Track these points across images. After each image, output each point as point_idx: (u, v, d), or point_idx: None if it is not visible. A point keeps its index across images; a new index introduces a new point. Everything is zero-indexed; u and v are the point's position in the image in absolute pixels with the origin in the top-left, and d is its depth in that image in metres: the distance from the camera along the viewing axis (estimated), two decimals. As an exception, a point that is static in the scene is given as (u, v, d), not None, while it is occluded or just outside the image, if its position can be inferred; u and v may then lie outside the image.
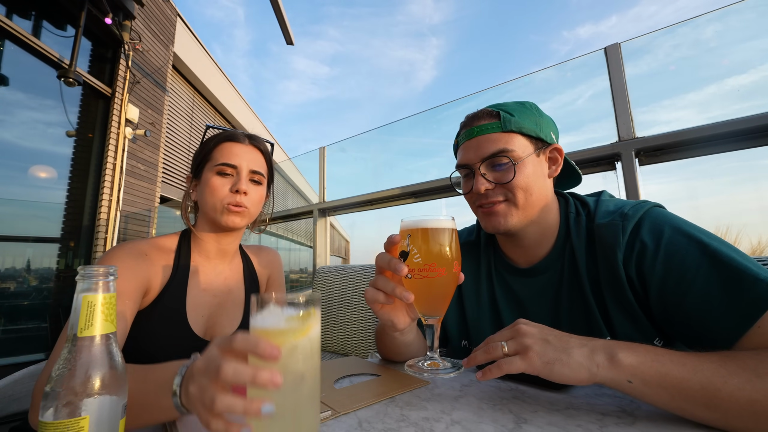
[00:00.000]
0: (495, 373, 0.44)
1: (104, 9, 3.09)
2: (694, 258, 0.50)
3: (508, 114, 0.65)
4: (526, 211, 0.65)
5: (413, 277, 0.48)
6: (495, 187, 0.65)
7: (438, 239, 0.49)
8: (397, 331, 0.59)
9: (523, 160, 0.64)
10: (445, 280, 0.48)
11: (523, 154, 0.64)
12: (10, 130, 2.72)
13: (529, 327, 0.46)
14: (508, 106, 0.67)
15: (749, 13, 1.21)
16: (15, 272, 2.73)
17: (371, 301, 0.53)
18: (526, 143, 0.65)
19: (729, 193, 1.32)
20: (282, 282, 1.02)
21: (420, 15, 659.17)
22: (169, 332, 0.73)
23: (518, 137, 0.65)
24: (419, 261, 0.47)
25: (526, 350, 0.43)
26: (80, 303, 0.32)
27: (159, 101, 4.01)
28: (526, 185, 0.63)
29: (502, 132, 0.64)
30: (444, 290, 0.49)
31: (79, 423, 0.30)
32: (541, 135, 0.66)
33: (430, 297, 0.49)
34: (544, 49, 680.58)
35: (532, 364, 0.42)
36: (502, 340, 0.46)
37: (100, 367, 0.32)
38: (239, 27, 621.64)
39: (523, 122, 0.65)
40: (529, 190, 0.63)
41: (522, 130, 0.64)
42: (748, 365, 0.38)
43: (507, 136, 0.64)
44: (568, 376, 0.41)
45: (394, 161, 2.41)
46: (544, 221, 0.67)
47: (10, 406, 0.81)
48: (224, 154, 0.80)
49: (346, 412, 0.45)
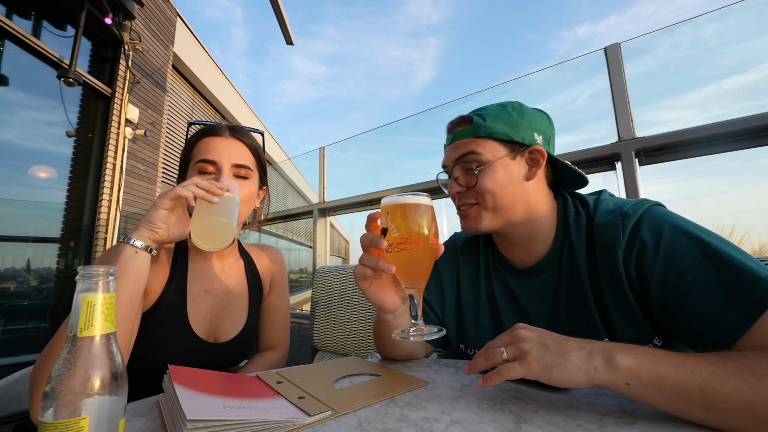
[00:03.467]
0: (495, 380, 0.44)
1: (104, 9, 3.09)
2: (694, 257, 0.49)
3: (480, 119, 0.67)
4: (498, 213, 0.66)
5: (393, 251, 0.52)
6: (467, 191, 0.68)
7: (413, 215, 0.53)
8: (389, 313, 0.61)
9: (490, 164, 0.65)
10: (421, 252, 0.52)
11: (492, 158, 0.66)
12: (11, 130, 2.72)
13: (527, 332, 0.47)
14: (486, 110, 0.69)
15: (748, 13, 1.21)
16: (15, 272, 2.73)
17: (359, 277, 0.57)
18: (498, 147, 0.66)
19: (729, 193, 1.32)
20: (285, 282, 1.01)
21: (418, 14, 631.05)
22: (171, 335, 0.73)
23: (488, 142, 0.67)
24: (397, 236, 0.52)
25: (525, 355, 0.43)
26: (80, 303, 0.32)
27: (159, 101, 4.01)
28: (493, 189, 0.65)
29: (473, 137, 0.67)
30: (422, 261, 0.53)
31: (79, 423, 0.30)
32: (515, 138, 0.66)
33: (410, 268, 0.53)
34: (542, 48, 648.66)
35: (531, 370, 0.42)
36: (501, 346, 0.46)
37: (100, 367, 0.32)
38: (237, 27, 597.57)
39: (495, 127, 0.66)
40: (497, 194, 0.65)
41: (492, 134, 0.66)
42: (747, 366, 0.38)
43: (476, 142, 0.67)
44: (567, 379, 0.41)
45: (394, 161, 2.41)
46: (532, 222, 0.67)
47: (11, 406, 0.81)
48: (202, 150, 0.77)
49: (346, 412, 0.45)
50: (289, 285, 1.03)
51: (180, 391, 0.42)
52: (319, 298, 1.55)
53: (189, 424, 0.35)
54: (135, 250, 0.62)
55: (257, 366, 0.86)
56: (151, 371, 0.66)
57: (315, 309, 1.55)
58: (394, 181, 2.05)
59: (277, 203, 4.06)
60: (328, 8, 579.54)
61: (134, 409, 0.47)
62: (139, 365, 0.67)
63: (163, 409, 0.46)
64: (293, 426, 0.41)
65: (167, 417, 0.43)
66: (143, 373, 0.67)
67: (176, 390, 0.42)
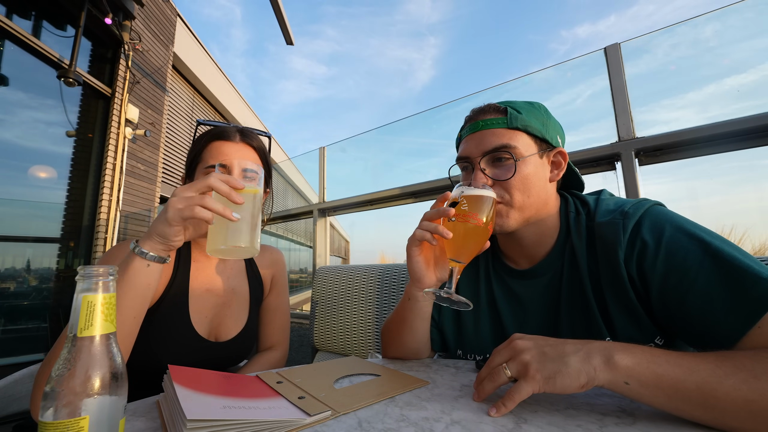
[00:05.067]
0: (509, 407, 0.43)
1: (104, 9, 3.09)
2: (695, 256, 0.49)
3: (515, 111, 0.64)
4: (523, 212, 0.63)
5: (456, 220, 0.57)
6: (493, 185, 0.63)
7: (485, 203, 0.58)
8: (422, 290, 0.64)
9: (524, 159, 0.62)
10: (481, 229, 0.57)
11: (526, 153, 0.63)
12: (11, 130, 2.72)
13: (525, 341, 0.46)
14: (516, 104, 0.67)
15: (748, 12, 1.21)
16: (15, 272, 2.73)
17: (418, 239, 0.60)
18: (531, 143, 0.64)
19: (729, 193, 1.32)
20: (285, 282, 1.01)
21: (418, 14, 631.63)
22: (173, 334, 0.73)
23: (523, 135, 0.64)
24: (465, 209, 0.57)
25: (527, 368, 0.43)
26: (80, 303, 0.32)
27: (159, 101, 4.00)
28: (524, 185, 0.62)
29: (507, 128, 0.63)
30: (476, 237, 0.58)
31: (79, 423, 0.30)
32: (546, 137, 0.65)
33: (465, 239, 0.58)
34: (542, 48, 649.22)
35: (537, 383, 0.41)
36: (502, 362, 0.45)
37: (100, 367, 0.32)
38: (237, 27, 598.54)
39: (530, 121, 0.64)
40: (527, 191, 0.62)
41: (528, 129, 0.64)
42: (745, 365, 0.38)
43: (512, 133, 0.63)
44: (570, 384, 0.40)
45: (394, 161, 2.41)
46: (543, 223, 0.67)
47: (11, 406, 0.81)
48: (214, 154, 0.77)
49: (346, 412, 0.45)
50: (289, 285, 1.03)
51: (180, 391, 0.42)
52: (319, 298, 1.55)
53: (189, 424, 0.35)
54: (147, 263, 0.57)
55: (257, 366, 0.86)
56: (152, 369, 0.66)
57: (315, 309, 1.55)
58: (394, 180, 2.05)
59: (277, 203, 4.06)
60: (327, 8, 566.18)
61: (134, 409, 0.47)
62: (139, 363, 0.67)
63: (163, 409, 0.46)
64: (293, 426, 0.41)
65: (167, 417, 0.43)
66: (144, 370, 0.67)
67: (176, 390, 0.42)
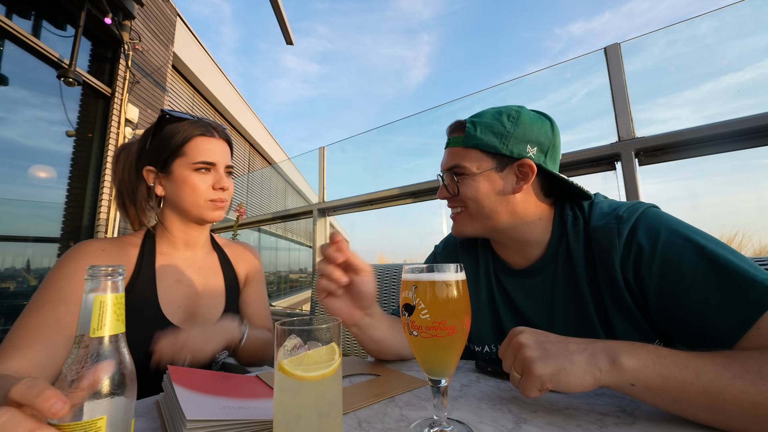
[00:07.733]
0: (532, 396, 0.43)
1: (104, 9, 3.09)
2: (691, 260, 0.49)
3: (472, 127, 0.67)
4: (481, 221, 0.68)
5: (419, 335, 0.42)
6: (452, 197, 0.70)
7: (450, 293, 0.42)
8: (354, 326, 0.60)
9: (473, 176, 0.66)
10: (456, 338, 0.42)
11: (476, 170, 0.66)
12: (11, 129, 2.72)
13: (524, 336, 0.46)
14: (482, 116, 0.68)
15: (745, 10, 1.21)
16: (15, 272, 2.73)
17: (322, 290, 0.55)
18: (484, 158, 0.66)
19: (729, 193, 1.32)
20: (263, 276, 1.02)
21: (410, 10, 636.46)
22: (146, 326, 0.73)
23: (474, 153, 0.67)
24: (427, 318, 0.42)
25: (529, 365, 0.42)
26: (91, 303, 0.32)
27: (159, 101, 4.00)
28: (474, 198, 0.66)
29: (462, 146, 0.68)
30: (455, 349, 0.44)
31: (97, 423, 0.30)
32: (503, 151, 0.64)
33: (439, 356, 0.43)
34: (536, 46, 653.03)
35: (539, 378, 0.41)
36: (509, 362, 0.46)
37: (114, 367, 0.32)
38: (227, 24, 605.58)
39: (483, 138, 0.65)
40: (479, 203, 0.66)
41: (479, 146, 0.66)
42: (752, 367, 0.38)
43: (464, 152, 0.68)
44: (576, 384, 0.40)
45: (392, 160, 2.41)
46: (521, 228, 0.67)
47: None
48: (201, 151, 0.80)
49: (346, 412, 0.45)
50: (288, 285, 1.04)
51: (180, 392, 0.42)
52: (318, 298, 1.55)
53: (189, 424, 0.36)
54: None
55: (259, 331, 0.86)
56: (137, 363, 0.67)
57: (315, 309, 1.55)
58: (393, 180, 2.05)
59: (277, 203, 4.06)
60: (317, 4, 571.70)
61: (134, 409, 0.47)
62: None
63: (162, 409, 0.46)
64: (293, 426, 0.41)
65: (167, 417, 0.43)
66: None
67: (176, 390, 0.42)
